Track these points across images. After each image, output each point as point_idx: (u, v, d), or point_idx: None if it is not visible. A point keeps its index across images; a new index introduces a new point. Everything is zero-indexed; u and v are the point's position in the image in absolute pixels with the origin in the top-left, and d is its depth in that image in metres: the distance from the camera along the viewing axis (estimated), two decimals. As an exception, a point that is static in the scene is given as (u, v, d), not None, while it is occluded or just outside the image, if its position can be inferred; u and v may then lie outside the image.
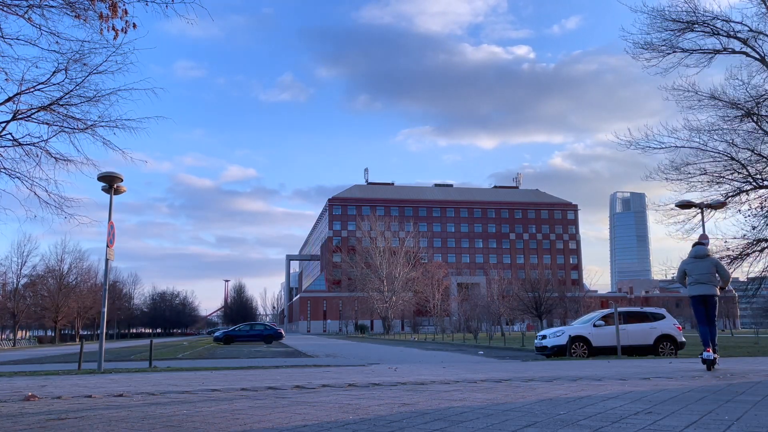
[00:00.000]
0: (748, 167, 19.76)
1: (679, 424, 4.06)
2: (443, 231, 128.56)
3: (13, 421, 4.55)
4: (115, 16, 6.34)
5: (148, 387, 7.30)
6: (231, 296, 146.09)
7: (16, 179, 11.30)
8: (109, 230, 13.83)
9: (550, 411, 4.74)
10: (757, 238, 20.32)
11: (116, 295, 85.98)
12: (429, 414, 4.63)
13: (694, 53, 19.13)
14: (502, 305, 58.01)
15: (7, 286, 63.01)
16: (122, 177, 14.12)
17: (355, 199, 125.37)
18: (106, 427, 4.17)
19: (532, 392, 6.23)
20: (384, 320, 70.56)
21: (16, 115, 11.07)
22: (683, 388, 6.52)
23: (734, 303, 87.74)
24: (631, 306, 71.51)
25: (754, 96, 18.85)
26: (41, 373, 11.22)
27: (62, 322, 69.50)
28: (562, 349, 17.77)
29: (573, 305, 55.91)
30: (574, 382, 7.33)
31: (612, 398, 5.61)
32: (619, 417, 4.38)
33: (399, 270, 70.28)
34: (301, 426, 4.12)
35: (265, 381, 8.07)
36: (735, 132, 19.61)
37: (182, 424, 4.27)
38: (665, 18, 18.98)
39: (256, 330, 42.11)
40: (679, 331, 18.66)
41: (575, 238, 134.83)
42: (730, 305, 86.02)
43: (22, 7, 7.85)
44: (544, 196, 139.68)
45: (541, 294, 52.66)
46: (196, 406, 5.39)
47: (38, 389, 7.14)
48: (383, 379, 8.11)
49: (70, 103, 11.26)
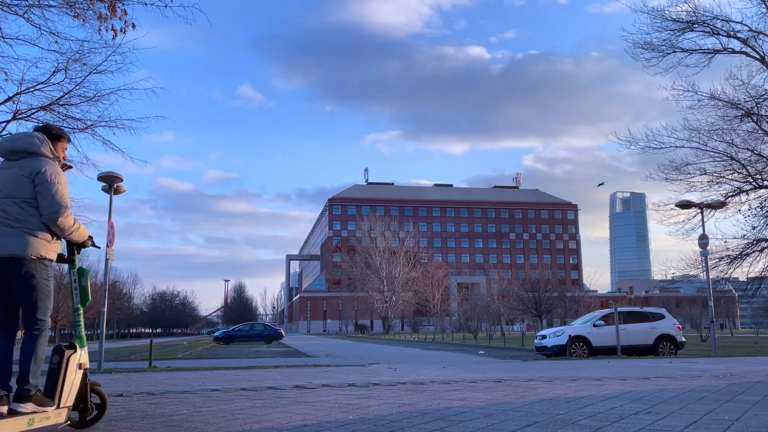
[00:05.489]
0: (748, 167, 19.77)
1: (679, 424, 4.06)
2: (443, 231, 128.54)
3: (12, 421, 4.54)
4: (114, 16, 6.35)
5: (148, 387, 7.30)
6: (231, 296, 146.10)
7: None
8: (108, 230, 13.83)
9: (550, 411, 4.74)
10: (757, 238, 20.33)
11: (116, 295, 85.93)
12: (429, 414, 4.62)
13: (694, 53, 19.14)
14: (502, 305, 57.99)
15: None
16: (122, 177, 14.11)
17: (355, 199, 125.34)
18: (107, 427, 4.17)
19: (532, 392, 6.23)
20: (384, 320, 70.57)
21: (16, 115, 11.07)
22: (683, 388, 6.52)
23: (734, 303, 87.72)
24: (631, 306, 71.48)
25: (754, 96, 18.86)
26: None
27: (62, 322, 69.45)
28: (562, 349, 17.77)
29: (573, 305, 55.91)
30: (574, 382, 7.33)
31: (612, 398, 5.61)
32: (619, 417, 4.37)
33: (399, 270, 70.30)
34: (301, 426, 4.12)
35: (265, 381, 8.07)
36: (735, 132, 19.63)
37: (182, 424, 4.27)
38: (665, 18, 19.00)
39: (256, 330, 42.11)
40: (679, 331, 18.66)
41: (575, 238, 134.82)
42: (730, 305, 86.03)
43: (22, 7, 7.85)
44: (544, 196, 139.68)
45: (541, 294, 52.67)
46: (196, 406, 5.39)
47: (38, 389, 7.13)
48: (383, 379, 8.10)
49: (69, 103, 11.26)
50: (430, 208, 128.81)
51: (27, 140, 3.84)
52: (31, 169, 3.75)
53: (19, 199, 3.71)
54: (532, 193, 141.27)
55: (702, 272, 20.57)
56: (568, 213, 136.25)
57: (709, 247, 18.33)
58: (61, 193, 3.76)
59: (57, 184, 3.76)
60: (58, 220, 3.75)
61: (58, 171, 3.84)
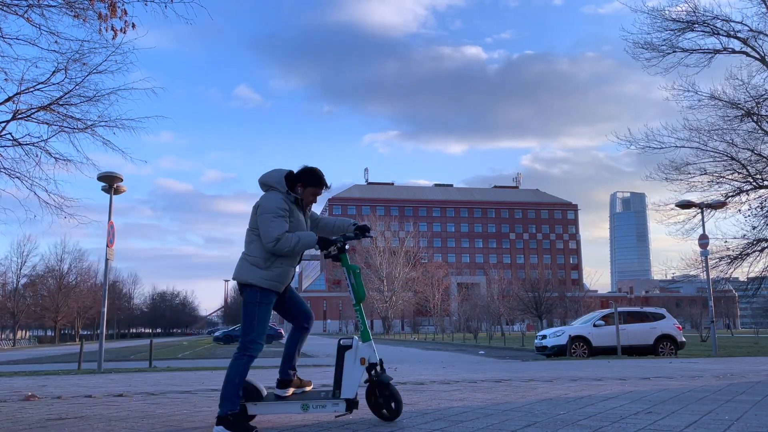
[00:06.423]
0: (748, 167, 19.77)
1: (679, 424, 4.06)
2: (443, 231, 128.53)
3: (13, 421, 4.54)
4: (114, 15, 6.34)
5: (148, 387, 7.29)
6: (231, 296, 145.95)
7: (15, 179, 11.30)
8: (109, 230, 13.83)
9: (550, 411, 4.74)
10: (757, 238, 20.33)
11: (116, 295, 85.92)
12: (429, 414, 4.62)
13: (694, 53, 19.14)
14: (502, 305, 58.02)
15: (7, 286, 63.01)
16: (122, 177, 14.12)
17: (355, 199, 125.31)
18: (106, 427, 4.17)
19: (532, 392, 6.23)
20: (384, 320, 70.53)
21: (16, 114, 11.06)
22: (683, 388, 6.52)
23: (734, 303, 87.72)
24: (631, 306, 71.44)
25: (754, 96, 18.85)
26: (41, 373, 11.21)
27: (62, 322, 69.45)
28: (562, 349, 17.77)
29: (573, 305, 55.93)
30: (574, 382, 7.33)
31: (612, 398, 5.61)
32: (619, 417, 4.37)
33: (399, 270, 70.23)
34: (301, 426, 4.12)
35: (265, 381, 8.06)
36: (735, 132, 19.64)
37: (182, 424, 4.27)
38: (665, 18, 18.99)
39: (256, 330, 42.06)
40: (679, 331, 18.67)
41: (575, 238, 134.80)
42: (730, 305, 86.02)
43: (22, 6, 7.85)
44: (543, 196, 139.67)
45: (541, 294, 52.70)
46: (196, 406, 5.39)
47: (38, 389, 7.14)
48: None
49: (69, 103, 11.26)
50: (430, 208, 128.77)
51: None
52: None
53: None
54: (532, 193, 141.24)
55: (702, 272, 20.57)
56: (568, 213, 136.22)
57: (709, 247, 18.33)
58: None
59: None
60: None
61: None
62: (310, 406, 4.00)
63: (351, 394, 3.94)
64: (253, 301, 4.03)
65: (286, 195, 4.12)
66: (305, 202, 4.30)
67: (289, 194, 4.13)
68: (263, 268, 4.04)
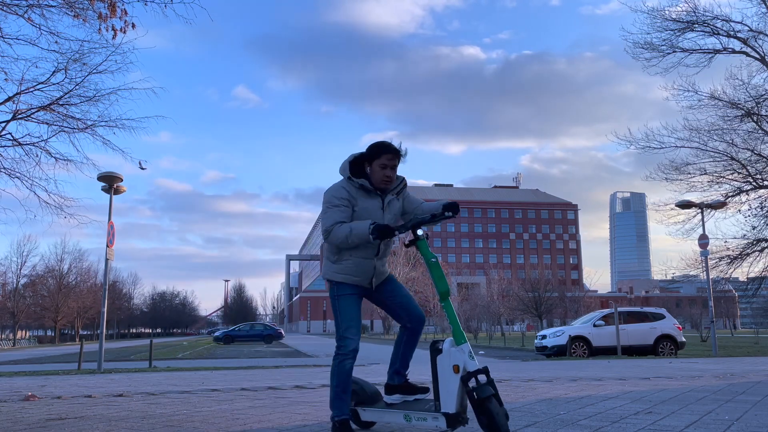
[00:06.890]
0: (748, 167, 19.77)
1: (679, 424, 4.06)
2: (443, 231, 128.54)
3: (13, 421, 4.54)
4: (114, 15, 6.32)
5: (148, 387, 7.29)
6: (231, 296, 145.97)
7: (16, 179, 11.29)
8: (109, 230, 13.83)
9: (550, 411, 4.74)
10: (757, 238, 20.33)
11: (116, 295, 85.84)
12: (429, 414, 4.61)
13: (694, 53, 19.14)
14: (502, 305, 57.99)
15: (7, 286, 62.97)
16: (122, 177, 14.11)
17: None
18: (106, 427, 4.17)
19: (532, 392, 6.23)
20: (384, 320, 70.52)
21: (16, 114, 11.05)
22: (683, 388, 6.52)
23: (734, 303, 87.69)
24: (631, 306, 71.40)
25: (754, 96, 18.86)
26: (41, 373, 11.21)
27: (62, 322, 69.39)
28: (562, 349, 17.77)
29: (573, 305, 55.84)
30: (574, 382, 7.33)
31: (612, 398, 5.61)
32: (619, 417, 4.37)
33: (399, 270, 70.20)
34: (301, 426, 4.12)
35: (265, 381, 8.07)
36: (735, 132, 19.64)
37: (182, 424, 4.26)
38: (665, 18, 19.00)
39: (256, 330, 42.13)
40: (679, 331, 18.66)
41: (575, 238, 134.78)
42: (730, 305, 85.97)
43: (22, 6, 7.84)
44: (543, 196, 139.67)
45: (541, 294, 52.63)
46: (196, 406, 5.38)
47: (38, 389, 7.13)
48: (383, 379, 8.09)
49: (69, 103, 11.25)
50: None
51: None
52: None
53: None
54: (531, 193, 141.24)
55: (702, 272, 20.57)
56: (568, 213, 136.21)
57: (709, 247, 18.34)
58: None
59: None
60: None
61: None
62: (413, 418, 3.54)
63: (451, 408, 3.35)
64: (333, 295, 3.89)
65: (347, 181, 3.79)
66: (379, 181, 3.79)
67: (350, 180, 3.78)
68: (333, 261, 3.88)
